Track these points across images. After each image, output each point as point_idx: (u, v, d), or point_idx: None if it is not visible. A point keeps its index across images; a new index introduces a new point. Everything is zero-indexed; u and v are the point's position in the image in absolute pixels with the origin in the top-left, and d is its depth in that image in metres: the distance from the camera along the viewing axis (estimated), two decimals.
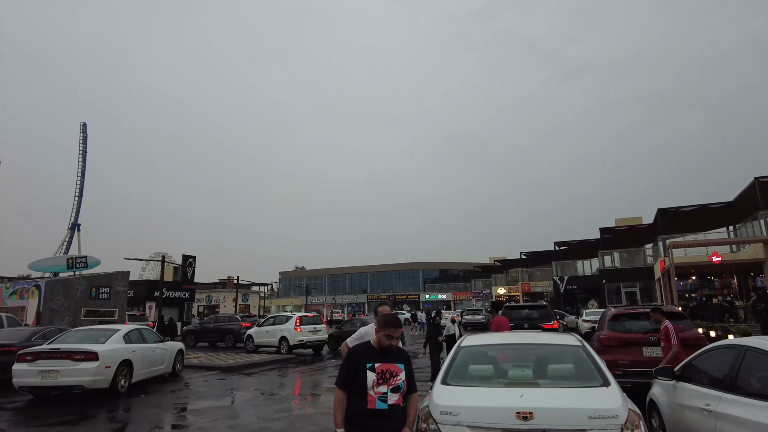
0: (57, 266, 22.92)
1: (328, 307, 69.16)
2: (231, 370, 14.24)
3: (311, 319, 19.97)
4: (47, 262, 23.60)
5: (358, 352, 3.22)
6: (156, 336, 12.64)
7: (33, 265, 22.57)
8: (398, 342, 3.18)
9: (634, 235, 35.69)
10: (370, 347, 3.23)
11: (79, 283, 20.95)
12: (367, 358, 3.12)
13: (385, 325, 3.17)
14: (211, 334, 24.38)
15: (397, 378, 3.11)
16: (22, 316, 19.79)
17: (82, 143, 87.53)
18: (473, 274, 62.94)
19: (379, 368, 3.07)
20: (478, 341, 4.74)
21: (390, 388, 3.06)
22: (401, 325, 3.24)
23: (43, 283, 20.11)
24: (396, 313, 18.11)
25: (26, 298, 20.39)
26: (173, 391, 10.94)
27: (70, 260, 22.84)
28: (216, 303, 47.95)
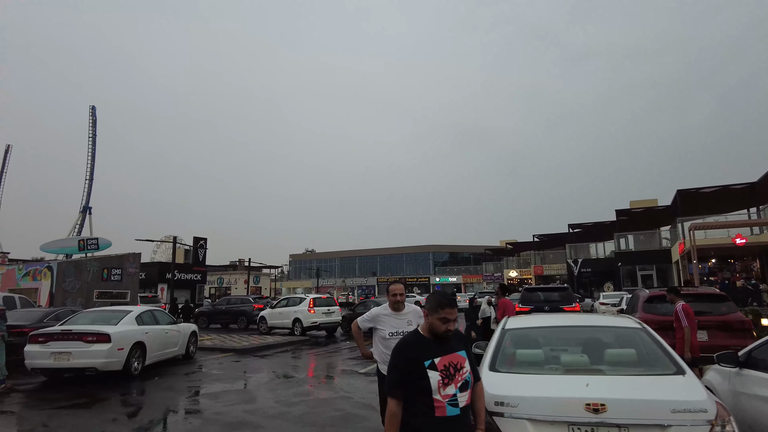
0: (68, 248, 22.79)
1: (338, 290, 69.22)
2: (245, 352, 14.01)
3: (325, 301, 19.71)
4: (59, 243, 23.47)
5: (409, 346, 2.48)
6: (169, 318, 12.40)
7: (44, 247, 22.46)
8: (455, 325, 2.50)
9: (650, 217, 34.92)
10: (421, 337, 2.52)
11: (91, 265, 20.80)
12: (424, 352, 2.42)
13: (438, 305, 2.44)
14: (223, 315, 24.25)
15: (463, 371, 2.48)
16: (35, 297, 19.71)
17: (92, 127, 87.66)
18: (484, 257, 62.43)
19: (441, 363, 2.42)
20: (523, 323, 4.33)
21: (458, 386, 2.43)
22: (457, 304, 2.57)
23: (56, 265, 19.99)
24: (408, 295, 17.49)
25: (39, 280, 20.30)
26: (187, 374, 10.70)
27: (81, 242, 22.69)
28: (227, 285, 48.02)
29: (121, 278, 21.93)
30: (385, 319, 4.29)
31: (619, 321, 4.18)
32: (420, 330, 2.58)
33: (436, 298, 2.51)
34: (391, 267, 75.93)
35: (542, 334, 4.14)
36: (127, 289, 22.08)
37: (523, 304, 14.37)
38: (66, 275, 19.86)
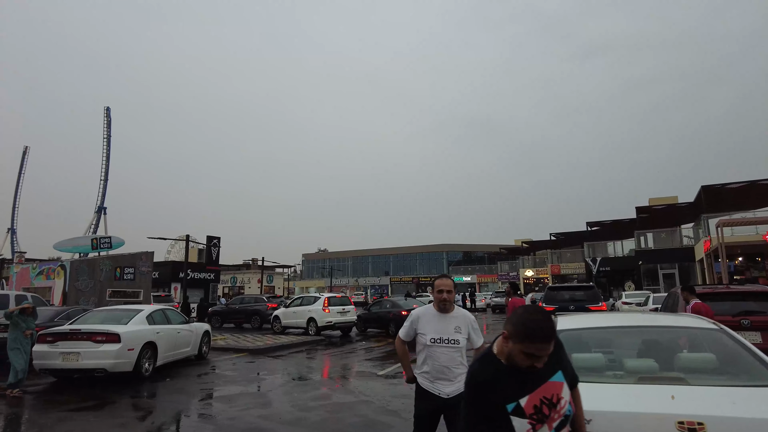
0: (81, 246, 22.68)
1: (351, 289, 68.88)
2: (259, 353, 13.62)
3: (340, 300, 19.28)
4: (72, 242, 23.38)
5: (486, 385, 1.77)
6: (181, 317, 12.04)
7: (58, 246, 22.36)
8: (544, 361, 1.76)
9: (672, 214, 33.96)
10: (499, 366, 1.81)
11: (104, 264, 20.61)
12: (505, 391, 1.76)
13: (526, 337, 1.71)
14: (237, 315, 23.97)
15: (561, 405, 1.82)
16: (49, 296, 19.63)
17: (106, 127, 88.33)
18: (499, 256, 61.63)
19: (529, 404, 1.76)
20: (576, 323, 3.80)
21: (554, 427, 1.80)
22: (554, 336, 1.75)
23: (69, 264, 19.84)
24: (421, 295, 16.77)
25: (52, 279, 20.18)
26: (200, 375, 10.32)
27: (94, 240, 22.58)
28: (241, 284, 47.91)
29: (134, 277, 21.72)
30: (428, 321, 3.50)
31: (687, 320, 3.64)
32: (496, 352, 1.83)
33: (526, 326, 1.71)
34: (404, 266, 75.43)
35: (599, 335, 3.62)
36: (140, 288, 21.86)
37: (547, 304, 13.79)
38: (79, 274, 19.69)
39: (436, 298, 3.52)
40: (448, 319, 3.46)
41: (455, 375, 3.36)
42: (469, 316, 3.56)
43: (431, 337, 3.41)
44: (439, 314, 3.48)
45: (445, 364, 3.36)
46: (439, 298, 3.48)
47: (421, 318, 3.52)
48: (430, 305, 3.64)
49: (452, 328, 3.43)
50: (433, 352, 3.38)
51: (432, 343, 3.40)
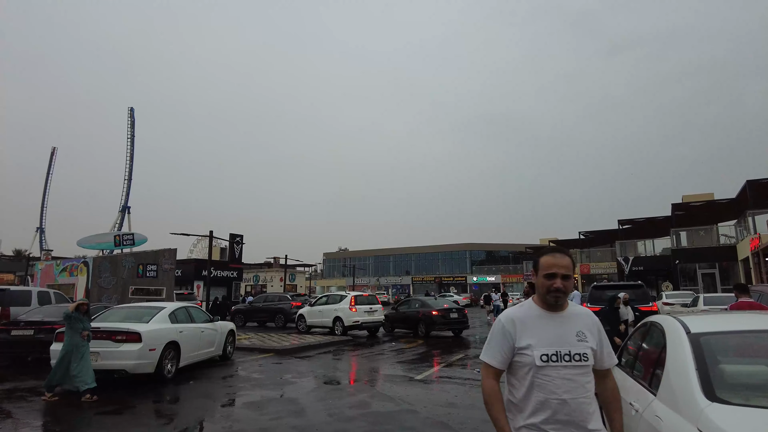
0: (104, 243, 22.44)
1: (372, 288, 68.21)
2: (285, 353, 12.97)
3: (367, 299, 18.56)
4: (95, 239, 23.12)
5: None
6: (205, 315, 11.45)
7: (81, 242, 22.14)
8: None
9: (710, 211, 32.42)
10: None
11: (126, 261, 20.24)
12: None
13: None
14: (260, 313, 23.49)
15: None
16: (72, 293, 19.39)
17: (130, 128, 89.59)
18: (524, 255, 60.21)
19: None
20: (717, 325, 2.94)
21: None
22: None
23: (91, 260, 19.54)
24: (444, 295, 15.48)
25: (75, 276, 19.92)
26: (225, 378, 9.68)
27: (117, 237, 22.29)
28: (263, 283, 47.65)
29: (156, 274, 21.29)
30: (530, 327, 2.17)
31: None
32: None
33: None
34: (426, 266, 74.43)
35: (747, 341, 2.76)
36: (163, 286, 21.41)
37: (592, 303, 12.84)
38: (102, 271, 19.35)
39: (542, 285, 2.15)
40: (564, 321, 2.15)
41: (588, 419, 2.05)
42: (592, 316, 2.25)
43: (542, 353, 2.07)
44: (548, 313, 2.16)
45: (570, 397, 2.03)
46: (548, 287, 2.12)
47: (518, 322, 2.15)
48: (526, 302, 2.29)
49: (573, 334, 2.13)
50: (547, 379, 2.06)
51: (544, 362, 2.06)
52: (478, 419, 6.23)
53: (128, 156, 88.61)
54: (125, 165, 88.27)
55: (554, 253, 2.19)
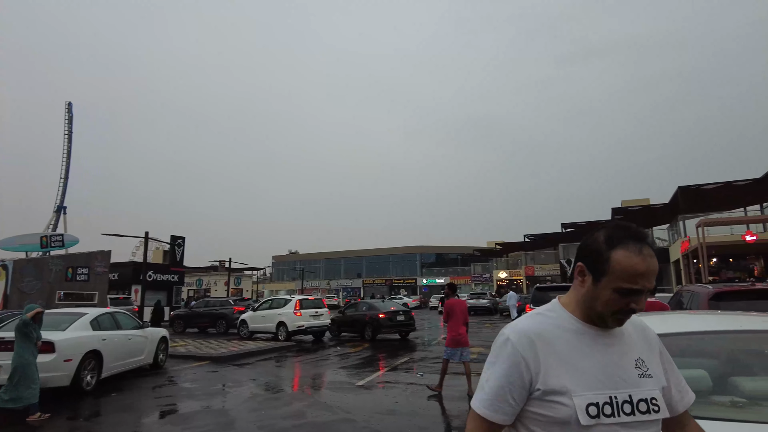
0: (29, 245, 20.76)
1: (322, 292, 67.41)
2: (223, 361, 12.34)
3: (312, 303, 18.07)
4: (18, 240, 21.40)
5: None
6: (133, 321, 10.68)
7: (3, 244, 20.41)
8: None
9: (647, 215, 34.03)
10: None
11: (54, 263, 18.86)
12: None
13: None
14: (201, 319, 22.46)
15: None
16: None
17: (68, 124, 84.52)
18: (472, 258, 61.29)
19: None
20: (677, 325, 2.73)
21: None
22: None
23: (11, 263, 18.01)
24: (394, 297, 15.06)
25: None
26: (153, 388, 9.02)
27: (44, 238, 20.69)
28: (207, 287, 45.93)
29: (88, 278, 20.01)
30: (567, 352, 1.25)
31: None
32: None
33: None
34: (377, 268, 74.36)
35: (704, 345, 2.58)
36: (95, 290, 20.17)
37: (536, 305, 12.97)
38: (24, 274, 17.90)
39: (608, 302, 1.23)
40: (615, 341, 1.29)
41: None
42: (648, 330, 1.39)
43: (589, 401, 1.19)
44: (592, 330, 1.28)
45: None
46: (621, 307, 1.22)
47: (541, 345, 1.24)
48: (549, 306, 1.35)
49: (631, 363, 1.27)
50: None
51: (593, 418, 1.17)
52: (416, 427, 6.00)
53: (65, 153, 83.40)
54: (62, 162, 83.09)
55: (642, 249, 1.19)
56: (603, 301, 1.22)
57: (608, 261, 1.20)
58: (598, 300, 1.23)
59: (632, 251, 1.19)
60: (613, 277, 1.19)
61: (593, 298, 1.24)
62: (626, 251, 1.19)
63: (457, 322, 8.05)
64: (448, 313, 8.14)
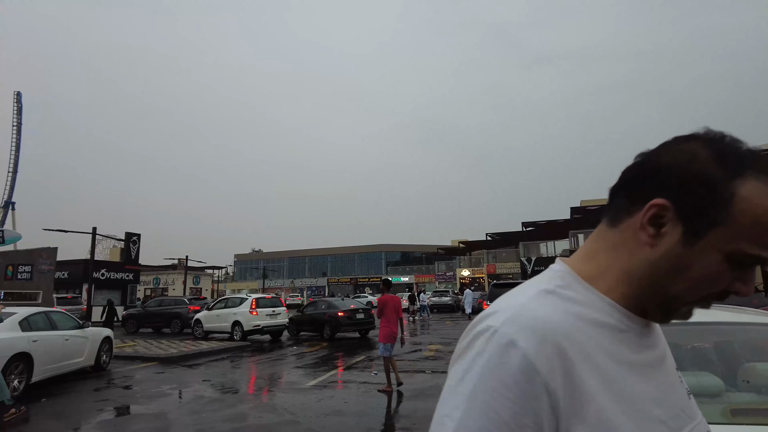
0: None
1: (286, 291, 66.49)
2: (171, 362, 11.83)
3: (269, 302, 17.61)
4: None
5: None
6: (72, 321, 10.06)
7: None
8: None
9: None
10: None
11: None
12: None
13: None
14: (154, 318, 21.65)
15: None
16: None
17: (17, 114, 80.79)
18: (436, 256, 61.63)
19: None
20: None
21: None
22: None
23: None
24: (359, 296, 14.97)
25: None
26: (92, 391, 8.51)
27: None
28: (165, 286, 44.51)
29: (31, 276, 18.94)
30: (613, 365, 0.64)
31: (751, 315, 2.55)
32: None
33: None
34: (342, 267, 73.85)
35: None
36: (39, 289, 19.08)
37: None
38: None
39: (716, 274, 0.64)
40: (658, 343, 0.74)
41: None
42: None
43: None
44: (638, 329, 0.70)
45: None
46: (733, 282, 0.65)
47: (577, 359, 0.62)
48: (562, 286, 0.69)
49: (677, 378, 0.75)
50: None
51: None
52: (363, 428, 5.79)
53: (14, 145, 79.68)
54: (10, 155, 79.28)
55: None
56: (699, 275, 0.64)
57: (730, 200, 0.62)
58: (687, 273, 0.64)
59: None
60: (738, 230, 0.62)
61: (677, 269, 0.65)
62: (765, 185, 0.63)
63: (390, 318, 8.09)
64: (381, 309, 8.15)
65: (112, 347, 11.32)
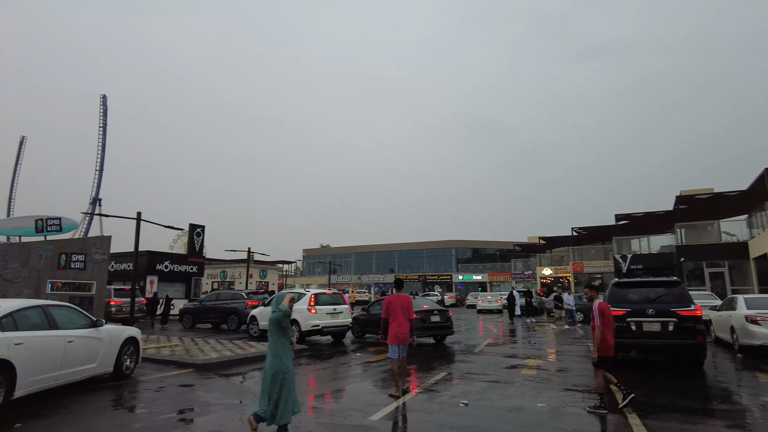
0: (22, 228, 18.86)
1: (353, 287, 64.98)
2: (208, 369, 9.72)
3: (330, 298, 15.29)
4: (12, 222, 19.55)
5: None
6: (82, 318, 8.11)
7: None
8: None
9: (715, 205, 29.88)
10: None
11: (44, 250, 16.74)
12: None
13: None
14: (211, 313, 20.21)
15: None
16: None
17: (102, 116, 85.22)
18: (512, 253, 57.43)
19: None
20: None
21: None
22: None
23: None
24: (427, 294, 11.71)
25: None
26: (91, 413, 6.40)
27: (39, 221, 18.66)
28: (231, 279, 44.03)
29: (84, 266, 17.83)
30: None
31: None
32: None
33: None
34: (410, 263, 71.33)
35: None
36: (92, 280, 17.99)
37: (616, 306, 9.77)
38: (7, 261, 15.82)
39: None
40: None
41: None
42: None
43: None
44: None
45: None
46: None
47: None
48: None
49: None
50: None
51: None
52: None
53: (100, 146, 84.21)
54: (97, 155, 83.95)
55: None
56: None
57: None
58: None
59: None
60: None
61: None
62: None
63: (400, 319, 7.59)
64: (388, 309, 7.71)
65: (138, 350, 9.35)
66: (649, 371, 9.54)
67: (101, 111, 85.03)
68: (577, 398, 7.15)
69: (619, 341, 9.60)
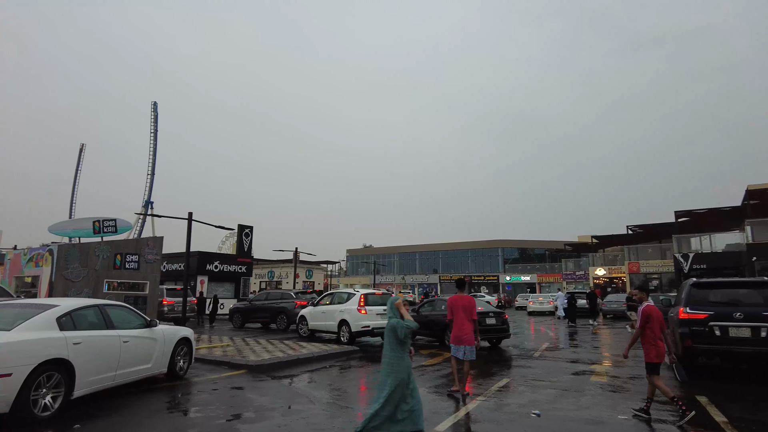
0: (81, 230, 19.49)
1: (397, 287, 64.64)
2: (261, 371, 9.53)
3: (380, 299, 14.93)
4: (71, 224, 20.26)
5: None
6: (137, 317, 8.05)
7: (53, 228, 19.23)
8: None
9: None
10: None
11: (101, 250, 17.21)
12: None
13: None
14: (260, 313, 20.29)
15: None
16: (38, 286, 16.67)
17: (153, 122, 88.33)
18: (562, 253, 55.51)
19: None
20: None
21: None
22: None
23: (56, 248, 16.57)
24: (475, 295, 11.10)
25: (41, 266, 17.02)
26: (145, 417, 6.25)
27: (96, 223, 19.26)
28: (278, 279, 44.58)
29: (137, 266, 18.25)
30: None
31: None
32: None
33: None
34: (454, 264, 70.34)
35: None
36: (146, 279, 18.38)
37: (695, 309, 8.93)
38: (69, 261, 16.34)
39: None
40: None
41: None
42: None
43: None
44: None
45: None
46: None
47: None
48: None
49: None
50: None
51: None
52: None
53: (151, 150, 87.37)
54: (148, 159, 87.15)
55: None
56: None
57: None
58: None
59: None
60: None
61: None
62: None
63: (461, 320, 7.70)
64: (451, 310, 7.85)
65: (191, 350, 9.25)
66: (745, 382, 8.64)
67: (152, 117, 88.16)
68: (661, 411, 6.45)
69: (701, 347, 8.78)
